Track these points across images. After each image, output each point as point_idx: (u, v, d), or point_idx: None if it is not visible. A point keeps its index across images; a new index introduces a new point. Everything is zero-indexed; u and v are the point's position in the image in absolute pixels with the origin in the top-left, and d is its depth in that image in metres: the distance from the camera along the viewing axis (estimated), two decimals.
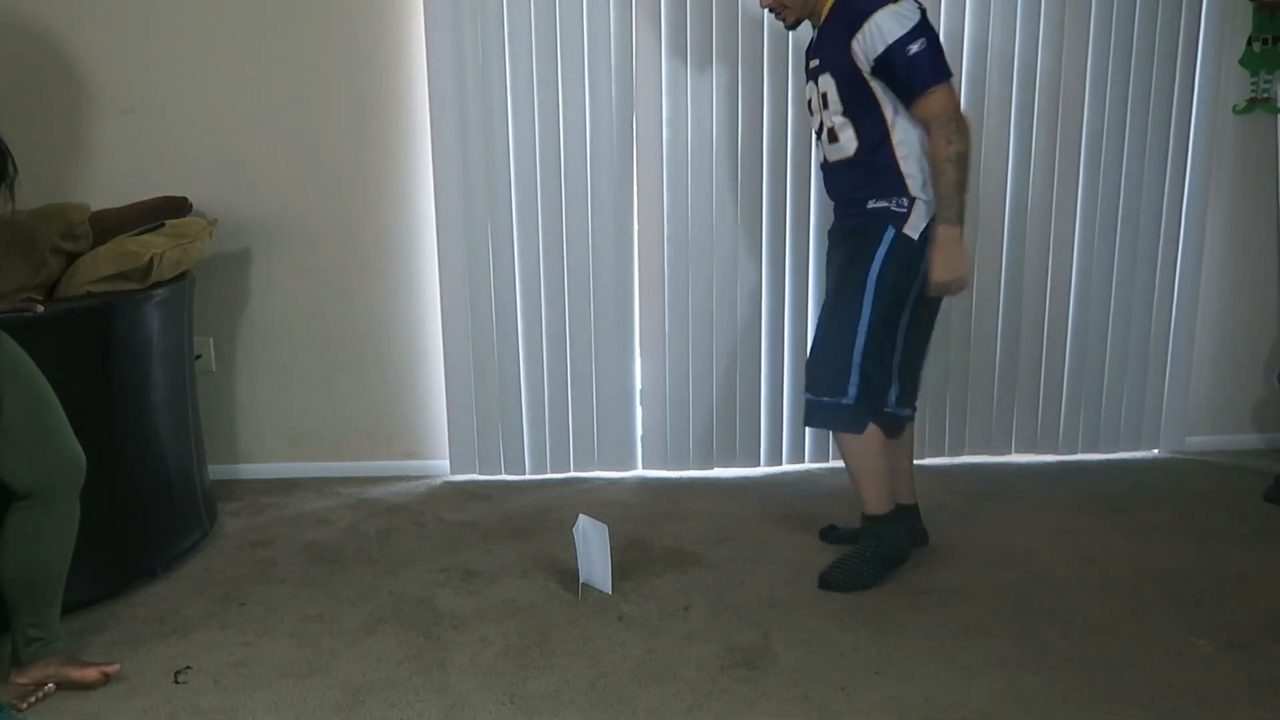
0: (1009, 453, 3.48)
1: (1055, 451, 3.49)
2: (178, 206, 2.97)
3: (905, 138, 2.37)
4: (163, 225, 2.78)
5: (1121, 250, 3.35)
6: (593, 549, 2.49)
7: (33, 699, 2.05)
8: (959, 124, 2.32)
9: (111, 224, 2.72)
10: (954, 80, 2.34)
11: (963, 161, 2.32)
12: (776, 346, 3.36)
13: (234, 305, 3.29)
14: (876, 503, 2.56)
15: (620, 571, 2.56)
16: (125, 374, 2.57)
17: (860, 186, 2.45)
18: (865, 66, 2.32)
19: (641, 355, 3.38)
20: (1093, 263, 3.36)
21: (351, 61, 3.19)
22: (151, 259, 2.58)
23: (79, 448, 2.11)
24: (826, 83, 2.41)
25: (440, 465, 3.44)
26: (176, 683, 2.14)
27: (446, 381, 3.35)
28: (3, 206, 2.02)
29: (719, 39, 3.15)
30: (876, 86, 2.34)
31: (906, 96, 2.33)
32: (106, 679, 2.13)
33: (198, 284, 2.96)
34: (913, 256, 2.40)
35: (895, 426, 2.57)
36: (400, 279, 3.33)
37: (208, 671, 2.18)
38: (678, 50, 3.16)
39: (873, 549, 2.55)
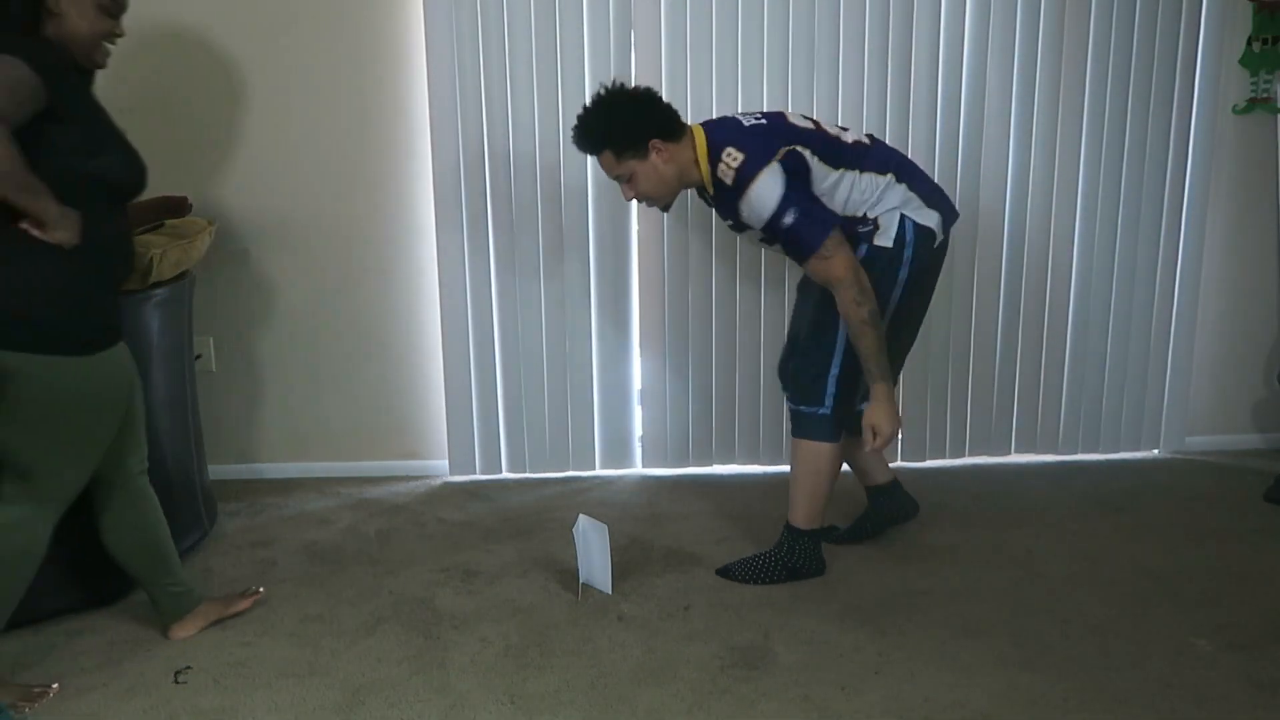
0: (1009, 453, 3.48)
1: (1055, 452, 3.49)
2: (178, 206, 2.97)
3: (849, 200, 2.40)
4: (163, 225, 2.78)
5: (1121, 250, 3.35)
6: (593, 549, 2.49)
7: (36, 700, 2.06)
8: (859, 284, 2.29)
9: None
10: (831, 238, 2.30)
11: (875, 321, 2.31)
12: (776, 346, 3.35)
13: (234, 305, 3.29)
14: (808, 517, 2.57)
15: (620, 571, 2.56)
16: None
17: None
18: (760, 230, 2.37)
19: (641, 355, 3.39)
20: (1093, 263, 3.36)
21: (352, 62, 3.19)
22: (151, 259, 2.58)
23: None
24: (753, 235, 2.45)
25: (440, 465, 3.44)
26: (176, 683, 2.14)
27: (446, 381, 3.35)
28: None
29: (719, 38, 3.15)
30: None
31: (799, 261, 2.36)
32: (253, 603, 2.44)
33: (198, 284, 2.96)
34: (890, 261, 2.41)
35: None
36: (400, 279, 3.33)
37: (208, 671, 2.18)
38: (678, 50, 3.16)
39: (784, 558, 2.57)
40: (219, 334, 3.32)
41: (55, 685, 2.12)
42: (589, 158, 3.20)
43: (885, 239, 2.40)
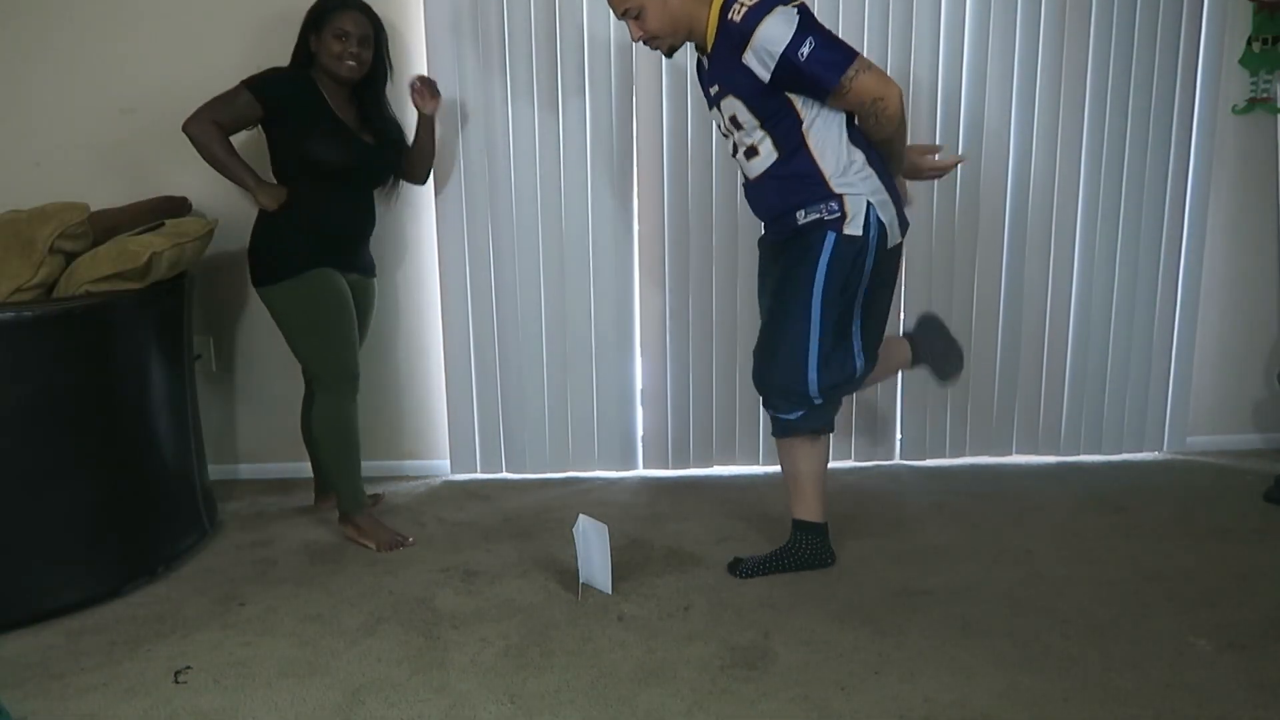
0: (1009, 453, 3.48)
1: (1056, 452, 3.48)
2: (178, 206, 2.97)
3: (822, 135, 2.34)
4: (163, 225, 2.78)
5: (1122, 250, 3.35)
6: (593, 549, 2.49)
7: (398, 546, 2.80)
8: (889, 108, 2.27)
9: (111, 224, 2.72)
10: (859, 57, 2.26)
11: (898, 138, 2.36)
12: None
13: (234, 305, 3.29)
14: (815, 509, 2.58)
15: (620, 571, 2.56)
16: (125, 374, 2.57)
17: (785, 197, 2.40)
18: (766, 82, 2.28)
19: (641, 355, 3.39)
20: (1093, 263, 3.36)
21: None
22: (150, 258, 2.58)
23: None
24: (732, 105, 2.36)
25: (440, 465, 3.44)
26: (176, 683, 2.14)
27: (446, 381, 3.35)
28: None
29: None
30: (789, 94, 2.31)
31: (821, 98, 2.29)
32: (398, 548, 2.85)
33: (198, 284, 2.96)
34: (857, 252, 2.37)
35: None
36: (400, 279, 3.33)
37: (208, 671, 2.18)
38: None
39: (795, 557, 2.58)
40: (219, 334, 3.32)
41: (411, 539, 2.84)
42: (590, 154, 3.21)
43: (855, 227, 2.35)
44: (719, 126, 2.49)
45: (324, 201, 2.74)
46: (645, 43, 2.43)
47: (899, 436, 3.45)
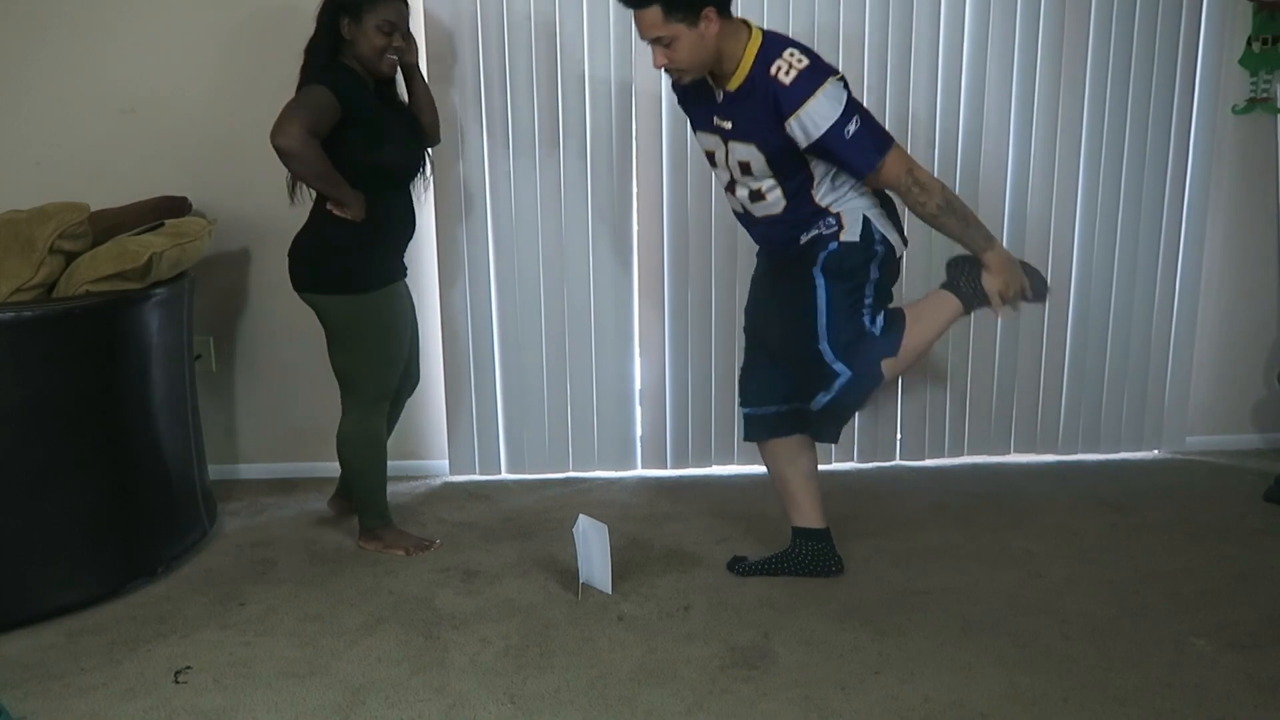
0: (1009, 453, 3.48)
1: (1055, 452, 3.48)
2: (178, 206, 2.97)
3: (828, 191, 2.34)
4: (163, 225, 2.78)
5: (1121, 250, 3.35)
6: (593, 549, 2.49)
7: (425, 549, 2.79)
8: (919, 183, 2.27)
9: (111, 224, 2.72)
10: (894, 143, 2.28)
11: (950, 207, 2.30)
12: None
13: (234, 305, 3.29)
14: (812, 515, 2.57)
15: (620, 571, 2.56)
16: (125, 374, 2.57)
17: (789, 230, 2.39)
18: (800, 147, 2.27)
19: (641, 355, 3.38)
20: (1093, 262, 3.36)
21: None
22: (150, 258, 2.58)
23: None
24: (749, 152, 2.33)
25: (440, 465, 3.44)
26: (176, 683, 2.14)
27: (446, 381, 3.35)
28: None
29: None
30: (810, 160, 2.31)
31: (855, 174, 2.30)
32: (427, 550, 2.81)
33: (198, 284, 2.95)
34: (863, 256, 2.34)
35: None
36: None
37: (208, 671, 2.18)
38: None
39: (795, 563, 2.57)
40: (219, 334, 3.32)
41: (438, 541, 2.83)
42: (590, 155, 3.21)
43: (852, 234, 2.33)
44: (712, 157, 2.46)
45: (390, 208, 2.64)
46: (666, 71, 2.33)
47: (899, 436, 3.45)
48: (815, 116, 2.20)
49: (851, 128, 2.21)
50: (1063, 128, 3.26)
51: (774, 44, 2.27)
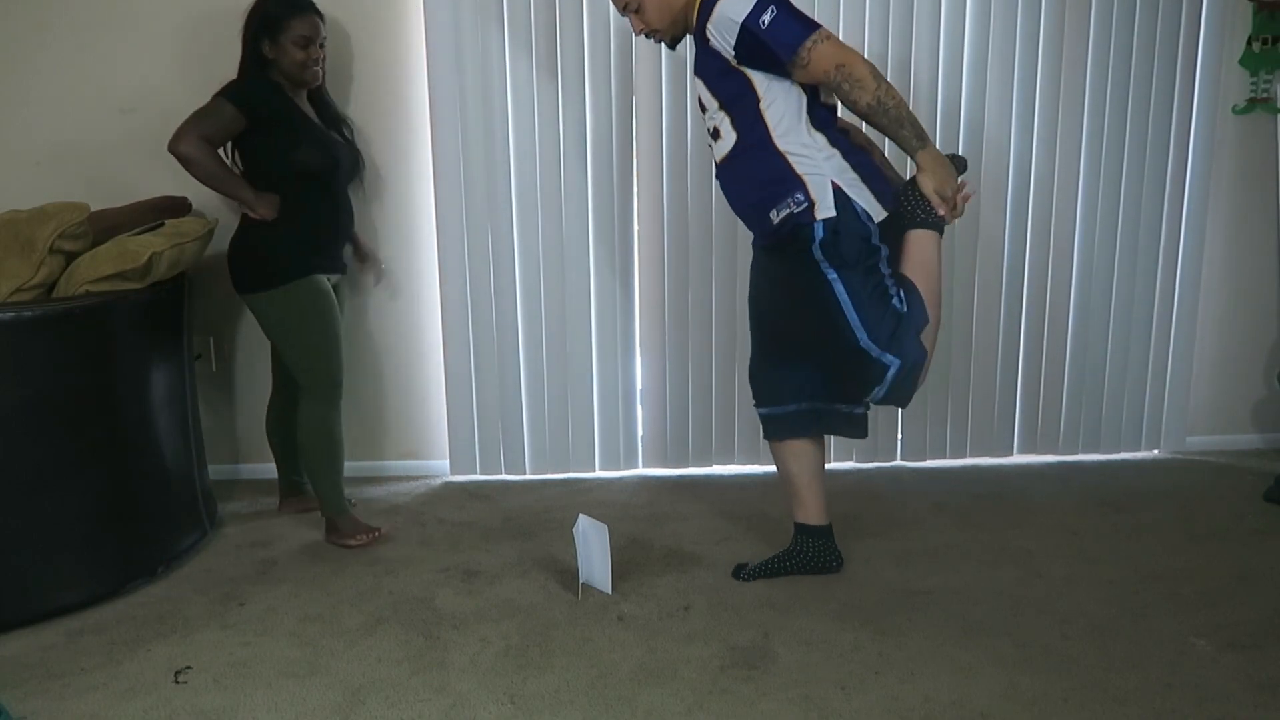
0: (1010, 453, 3.48)
1: (1056, 452, 3.49)
2: (178, 206, 2.97)
3: (780, 113, 2.28)
4: (162, 225, 2.78)
5: (1122, 250, 3.36)
6: (593, 549, 2.49)
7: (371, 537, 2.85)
8: (851, 78, 2.18)
9: (111, 224, 2.72)
10: (820, 28, 2.21)
11: (881, 107, 2.20)
12: None
13: (234, 305, 3.28)
14: (815, 512, 2.56)
15: (620, 571, 2.56)
16: (125, 374, 2.57)
17: (753, 187, 2.33)
18: (730, 57, 2.25)
19: (641, 355, 3.39)
20: (1093, 263, 3.36)
21: (352, 62, 3.19)
22: (150, 258, 2.58)
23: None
24: (697, 86, 2.37)
25: (440, 465, 3.44)
26: (176, 683, 2.14)
27: (446, 381, 3.35)
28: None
29: None
30: (748, 72, 2.26)
31: (783, 69, 2.23)
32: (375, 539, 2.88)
33: (198, 284, 2.96)
34: (847, 227, 2.27)
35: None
36: (401, 279, 3.33)
37: (208, 671, 2.18)
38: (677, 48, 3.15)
39: (797, 561, 2.56)
40: (219, 334, 3.32)
41: (381, 529, 2.89)
42: (590, 154, 3.21)
43: (825, 210, 2.25)
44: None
45: (311, 205, 2.75)
46: (647, 35, 2.44)
47: (899, 437, 3.45)
48: (726, 14, 2.21)
49: (767, 17, 2.18)
50: (1063, 128, 3.27)
51: None
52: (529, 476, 3.42)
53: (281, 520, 3.07)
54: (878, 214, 2.32)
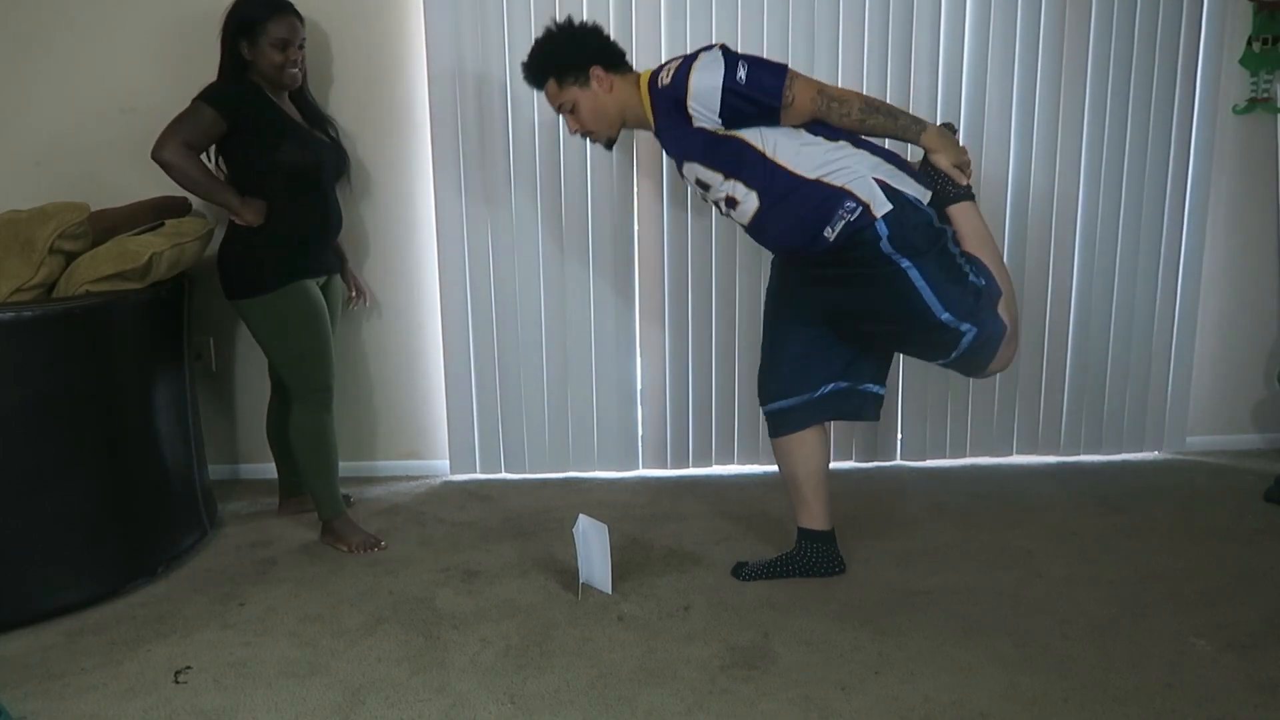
0: (1010, 453, 3.48)
1: (1056, 452, 3.49)
2: (178, 206, 2.97)
3: (788, 151, 2.28)
4: (162, 225, 2.78)
5: (1122, 250, 3.36)
6: (593, 549, 2.49)
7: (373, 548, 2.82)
8: (834, 99, 2.25)
9: (111, 224, 2.72)
10: (789, 71, 2.25)
11: (871, 107, 2.26)
12: None
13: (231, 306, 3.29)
14: (819, 516, 2.55)
15: (620, 571, 2.56)
16: (125, 374, 2.57)
17: (794, 225, 2.31)
18: (718, 126, 2.27)
19: (641, 355, 3.39)
20: (1093, 263, 3.36)
21: (351, 61, 3.19)
22: (150, 258, 2.59)
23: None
24: (693, 169, 2.36)
25: (440, 465, 3.44)
26: (176, 683, 2.14)
27: (446, 381, 3.35)
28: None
29: (718, 37, 3.15)
30: (738, 134, 2.28)
31: (772, 118, 2.26)
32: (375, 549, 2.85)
33: (198, 284, 2.96)
34: (908, 218, 2.25)
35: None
36: (400, 279, 3.33)
37: (208, 671, 2.18)
38: (677, 49, 3.16)
39: (799, 564, 2.55)
40: (219, 334, 3.32)
41: (384, 543, 2.84)
42: (589, 154, 3.21)
43: (882, 206, 2.23)
44: (694, 194, 2.48)
45: (297, 207, 2.72)
46: (583, 136, 2.48)
47: (899, 437, 3.45)
48: (703, 86, 2.24)
49: (742, 74, 2.22)
50: (1063, 128, 3.27)
51: (655, 70, 2.36)
52: (529, 476, 3.42)
53: (281, 520, 3.07)
54: (925, 196, 2.32)
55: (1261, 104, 3.34)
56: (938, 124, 2.40)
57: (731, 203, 2.36)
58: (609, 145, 2.52)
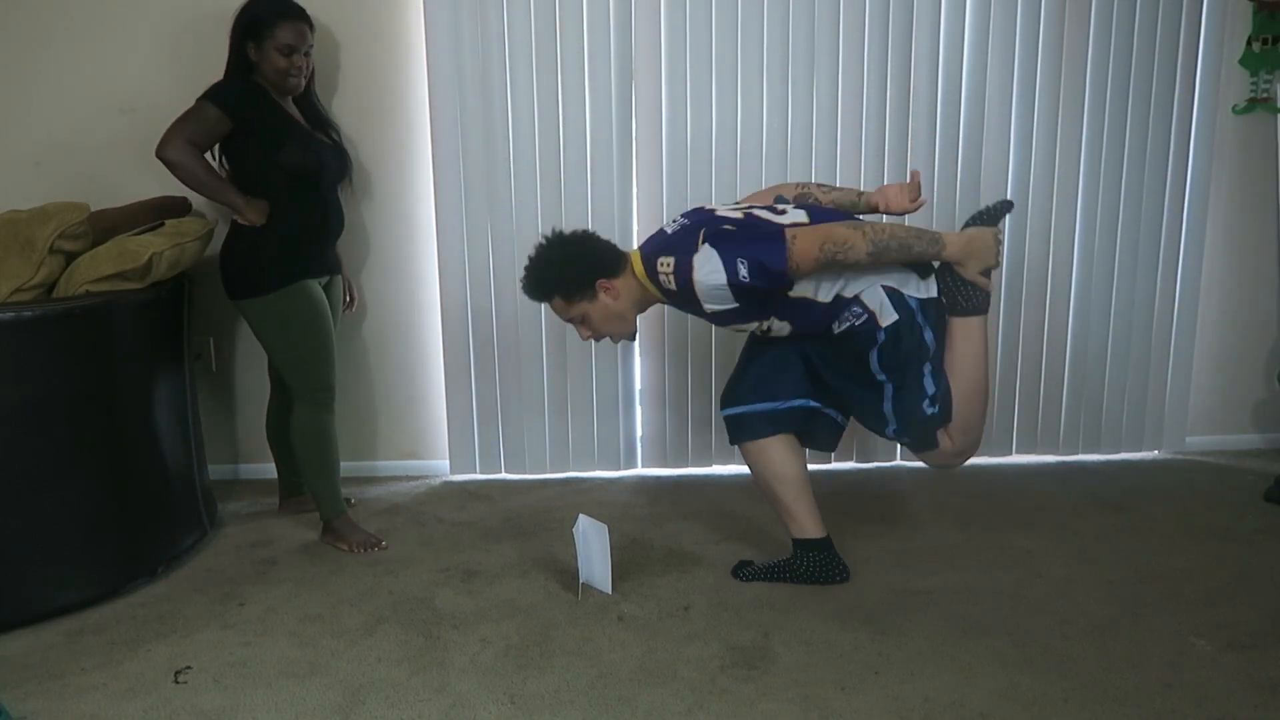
0: (1010, 453, 3.48)
1: (1056, 452, 3.49)
2: (178, 206, 2.97)
3: (811, 288, 2.29)
4: (162, 225, 2.78)
5: (1122, 250, 3.36)
6: (593, 549, 2.49)
7: (373, 548, 2.82)
8: (839, 245, 2.18)
9: (111, 224, 2.72)
10: (783, 242, 2.18)
11: (880, 245, 2.20)
12: None
13: (233, 306, 3.29)
14: (809, 524, 2.51)
15: (620, 571, 2.56)
16: (125, 374, 2.57)
17: (810, 326, 2.37)
18: (734, 305, 2.26)
19: (641, 355, 3.38)
20: (1093, 263, 3.36)
21: (351, 61, 3.19)
22: (150, 259, 2.59)
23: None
24: (728, 321, 2.37)
25: (440, 465, 3.45)
26: (176, 683, 2.14)
27: (446, 381, 3.35)
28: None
29: (718, 37, 3.16)
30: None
31: (783, 281, 2.24)
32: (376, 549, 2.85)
33: (198, 284, 2.96)
34: (909, 328, 2.31)
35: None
36: (400, 279, 3.33)
37: (208, 671, 2.18)
38: (677, 49, 3.16)
39: (797, 573, 2.53)
40: (219, 334, 3.32)
41: (385, 543, 2.84)
42: (590, 154, 3.21)
43: (888, 317, 2.30)
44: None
45: (300, 208, 2.73)
46: (598, 339, 2.46)
47: None
48: (710, 289, 2.22)
49: (743, 271, 2.18)
50: (1063, 128, 3.27)
51: (648, 262, 2.32)
52: (529, 476, 3.42)
53: (281, 520, 3.07)
54: (930, 292, 2.35)
55: (1261, 104, 3.34)
56: (1003, 200, 2.41)
57: (765, 330, 2.41)
58: (631, 339, 2.51)
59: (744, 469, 3.40)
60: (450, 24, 3.13)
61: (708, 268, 2.20)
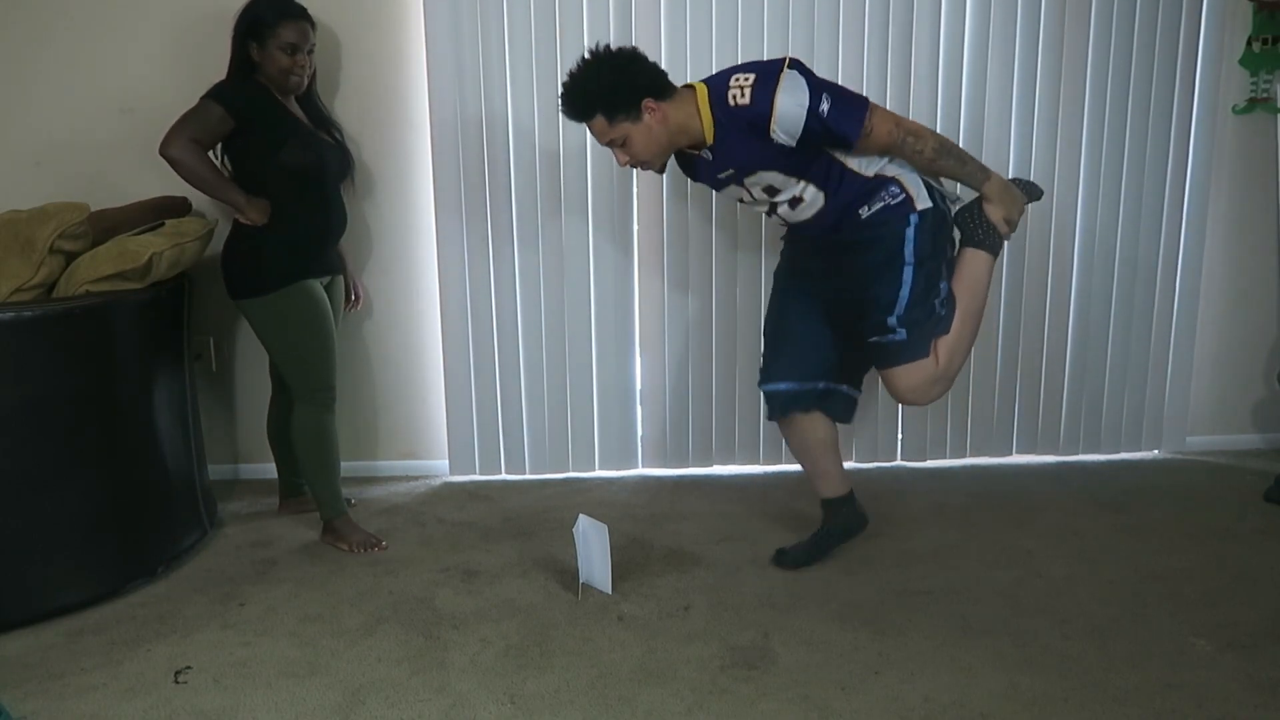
0: (1010, 454, 3.48)
1: (1056, 452, 3.49)
2: (178, 206, 2.97)
3: (857, 158, 2.34)
4: (162, 225, 2.78)
5: (1122, 250, 3.36)
6: (593, 549, 2.49)
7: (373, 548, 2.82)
8: (911, 132, 2.30)
9: (111, 224, 2.72)
10: (871, 104, 2.28)
11: (944, 148, 2.33)
12: None
13: (234, 306, 3.28)
14: (837, 482, 2.65)
15: (620, 571, 2.56)
16: (125, 374, 2.57)
17: (844, 207, 2.38)
18: (794, 145, 2.27)
19: (641, 355, 3.39)
20: (1093, 262, 3.36)
21: (351, 61, 3.19)
22: (150, 259, 2.58)
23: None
24: (764, 177, 2.36)
25: (440, 465, 3.44)
26: (176, 683, 2.14)
27: (446, 381, 3.35)
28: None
29: (718, 37, 3.15)
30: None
31: (846, 147, 2.30)
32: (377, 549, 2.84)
33: (198, 284, 2.96)
34: (941, 219, 2.40)
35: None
36: (400, 279, 3.33)
37: (208, 671, 2.18)
38: (677, 53, 3.16)
39: (834, 533, 2.65)
40: (219, 334, 3.32)
41: (385, 543, 2.84)
42: (589, 157, 3.21)
43: (924, 201, 2.35)
44: (741, 201, 2.49)
45: (301, 207, 2.73)
46: (634, 167, 2.42)
47: (899, 437, 3.45)
48: (788, 114, 2.22)
49: (825, 106, 2.23)
50: (1063, 128, 3.27)
51: (718, 82, 2.30)
52: (529, 476, 3.42)
53: (281, 520, 3.07)
54: (954, 210, 2.47)
55: (1261, 104, 3.34)
56: (1029, 181, 2.52)
57: (796, 201, 2.40)
58: (661, 171, 2.51)
59: (744, 469, 3.42)
60: (450, 24, 3.12)
61: (793, 91, 2.22)
